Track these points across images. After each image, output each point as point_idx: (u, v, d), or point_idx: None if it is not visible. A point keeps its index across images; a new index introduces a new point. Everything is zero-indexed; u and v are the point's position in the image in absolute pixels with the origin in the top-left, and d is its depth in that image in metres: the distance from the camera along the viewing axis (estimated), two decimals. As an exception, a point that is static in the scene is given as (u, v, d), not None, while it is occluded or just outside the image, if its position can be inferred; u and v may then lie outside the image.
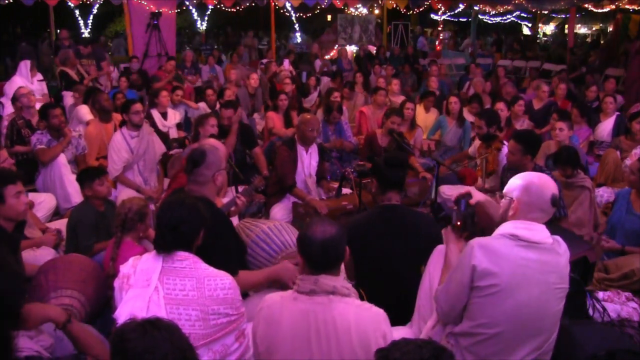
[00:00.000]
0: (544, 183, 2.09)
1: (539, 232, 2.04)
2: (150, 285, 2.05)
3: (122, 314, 2.02)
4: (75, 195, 4.60)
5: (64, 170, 4.66)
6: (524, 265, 1.98)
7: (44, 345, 1.91)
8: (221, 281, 2.09)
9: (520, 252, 1.99)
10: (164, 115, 6.31)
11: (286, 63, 10.81)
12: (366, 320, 1.89)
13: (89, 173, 3.64)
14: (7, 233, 2.79)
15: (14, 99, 5.84)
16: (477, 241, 2.03)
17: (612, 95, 6.63)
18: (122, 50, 14.39)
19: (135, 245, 3.03)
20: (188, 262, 2.11)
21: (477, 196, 2.41)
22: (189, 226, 2.14)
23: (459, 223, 2.33)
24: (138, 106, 4.84)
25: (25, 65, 7.07)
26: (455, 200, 2.42)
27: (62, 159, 4.73)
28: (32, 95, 5.57)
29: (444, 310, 2.13)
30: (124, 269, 2.18)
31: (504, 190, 2.20)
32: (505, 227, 2.07)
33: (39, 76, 7.44)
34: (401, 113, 5.52)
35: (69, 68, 7.43)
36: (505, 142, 4.52)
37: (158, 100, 6.27)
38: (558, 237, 2.11)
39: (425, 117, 6.97)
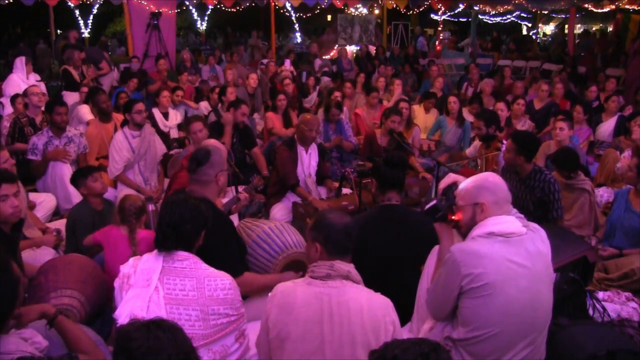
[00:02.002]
0: (494, 177, 2.20)
1: (511, 223, 2.07)
2: (150, 285, 2.05)
3: (122, 314, 2.02)
4: (76, 195, 4.59)
5: (65, 170, 4.66)
6: (507, 260, 2.00)
7: (38, 347, 1.91)
8: (221, 281, 2.09)
9: (501, 248, 2.01)
10: (166, 116, 6.31)
11: (287, 63, 10.81)
12: (377, 305, 1.94)
13: (82, 171, 3.67)
14: (4, 233, 2.77)
15: (17, 96, 5.84)
16: (456, 248, 2.06)
17: (616, 95, 6.63)
18: (118, 50, 14.40)
19: (149, 231, 3.13)
20: (188, 262, 2.11)
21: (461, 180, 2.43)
22: (190, 226, 2.15)
23: (453, 217, 2.30)
24: (140, 106, 4.85)
25: (20, 61, 7.09)
26: (443, 191, 2.42)
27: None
28: (43, 96, 5.58)
29: (431, 310, 2.19)
30: (124, 268, 2.18)
31: (459, 203, 2.21)
32: (479, 229, 2.09)
33: (37, 76, 7.44)
34: (399, 112, 5.53)
35: (72, 68, 7.43)
36: (504, 142, 4.52)
37: (159, 100, 6.28)
38: (534, 225, 2.14)
39: (425, 117, 6.98)
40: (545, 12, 16.62)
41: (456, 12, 16.21)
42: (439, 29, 16.83)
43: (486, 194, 2.12)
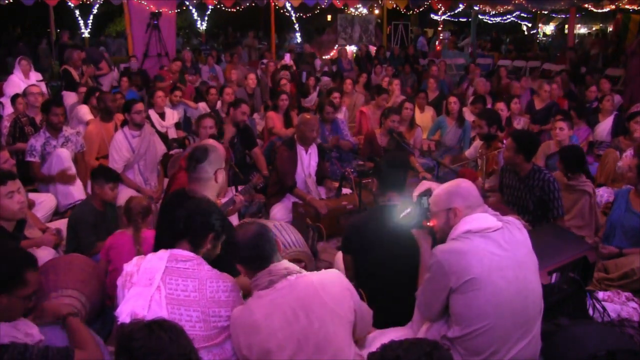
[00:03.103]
0: (466, 183, 2.24)
1: (485, 219, 2.12)
2: (152, 284, 2.05)
3: (123, 312, 2.02)
4: (76, 191, 4.61)
5: (66, 165, 4.65)
6: (490, 252, 2.03)
7: (31, 339, 1.94)
8: (223, 283, 2.09)
9: (481, 243, 2.05)
10: (162, 116, 6.31)
11: (287, 57, 10.80)
12: (329, 281, 2.02)
13: (107, 174, 3.65)
14: (8, 232, 2.79)
15: (17, 96, 5.84)
16: (439, 250, 2.10)
17: (610, 94, 6.64)
18: (124, 50, 14.43)
19: (151, 230, 3.17)
20: (191, 263, 2.11)
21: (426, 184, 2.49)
22: (200, 218, 2.16)
23: (428, 224, 2.36)
24: (140, 106, 4.84)
25: (16, 62, 7.12)
26: (417, 199, 2.44)
27: (65, 154, 4.72)
28: (41, 96, 5.58)
29: (422, 313, 2.24)
30: (128, 267, 2.18)
31: (432, 209, 2.28)
32: (456, 230, 2.13)
33: (38, 76, 7.44)
34: (400, 113, 5.53)
35: (72, 68, 7.44)
36: (505, 141, 4.52)
37: (154, 101, 6.28)
38: (508, 218, 2.20)
39: (420, 116, 6.98)
40: (545, 12, 16.62)
41: (456, 12, 16.21)
42: (439, 29, 16.84)
43: (458, 199, 2.17)
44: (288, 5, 13.49)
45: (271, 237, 2.09)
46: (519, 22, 20.69)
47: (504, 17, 18.75)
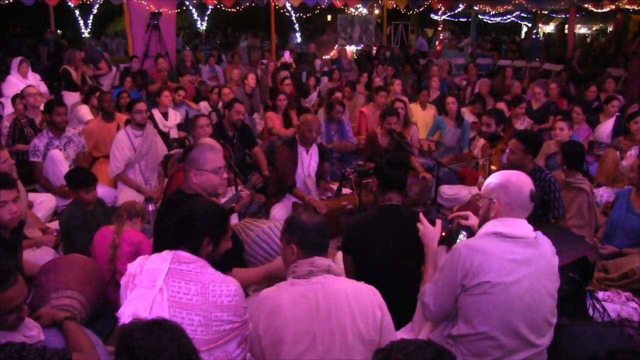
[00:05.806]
0: (521, 180, 2.14)
1: (522, 227, 2.08)
2: (155, 286, 2.03)
3: (124, 313, 2.00)
4: (74, 192, 4.61)
5: (60, 167, 4.66)
6: (511, 260, 2.00)
7: (31, 339, 1.95)
8: (227, 287, 2.06)
9: (506, 247, 2.02)
10: (165, 116, 6.32)
11: (287, 54, 10.77)
12: (363, 292, 1.99)
13: (79, 180, 3.57)
14: (4, 238, 2.73)
15: (17, 97, 5.85)
16: (462, 243, 2.07)
17: (616, 97, 6.62)
18: (122, 50, 14.43)
19: (138, 232, 3.17)
20: (194, 265, 2.08)
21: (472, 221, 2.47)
22: (192, 225, 2.13)
23: (444, 234, 2.39)
24: (141, 105, 4.83)
25: (14, 63, 7.13)
26: (450, 219, 2.47)
27: (59, 155, 4.72)
28: (40, 96, 5.58)
29: (432, 312, 2.17)
30: (131, 267, 2.16)
31: (482, 192, 2.23)
32: (488, 227, 2.10)
33: (36, 76, 7.43)
34: (396, 114, 5.53)
35: (72, 68, 7.43)
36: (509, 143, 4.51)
37: (160, 100, 6.28)
38: (540, 233, 2.16)
39: (423, 114, 6.97)
40: (545, 12, 16.61)
41: (456, 12, 16.20)
42: (439, 29, 16.84)
43: (501, 193, 2.12)
44: (288, 5, 13.48)
45: (328, 228, 2.13)
46: (519, 22, 20.68)
47: (504, 17, 18.73)
